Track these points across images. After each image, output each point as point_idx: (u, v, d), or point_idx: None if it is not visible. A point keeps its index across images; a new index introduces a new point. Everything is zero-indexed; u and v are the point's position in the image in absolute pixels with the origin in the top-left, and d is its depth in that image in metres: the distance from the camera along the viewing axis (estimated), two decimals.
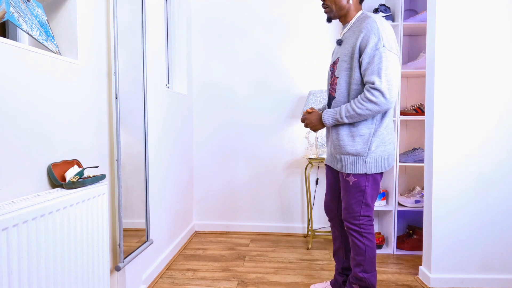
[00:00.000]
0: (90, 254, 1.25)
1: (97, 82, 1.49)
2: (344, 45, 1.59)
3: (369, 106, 1.46)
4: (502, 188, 1.99)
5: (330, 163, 1.72)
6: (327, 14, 1.64)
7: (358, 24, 1.55)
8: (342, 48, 1.59)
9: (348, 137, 1.58)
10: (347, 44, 1.56)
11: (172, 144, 2.45)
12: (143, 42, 1.82)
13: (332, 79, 1.63)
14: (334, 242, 1.84)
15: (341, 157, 1.61)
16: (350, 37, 1.56)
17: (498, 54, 1.96)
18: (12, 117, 1.03)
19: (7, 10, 1.06)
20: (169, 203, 2.39)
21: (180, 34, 2.78)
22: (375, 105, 1.45)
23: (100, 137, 1.52)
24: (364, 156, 1.56)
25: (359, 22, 1.55)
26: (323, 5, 1.64)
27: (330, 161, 1.72)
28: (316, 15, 2.88)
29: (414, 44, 2.76)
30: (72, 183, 1.18)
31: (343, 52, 1.57)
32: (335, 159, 1.65)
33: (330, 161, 1.71)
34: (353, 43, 1.51)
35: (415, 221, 2.80)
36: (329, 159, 1.74)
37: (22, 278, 0.92)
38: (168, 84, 2.71)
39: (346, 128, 1.58)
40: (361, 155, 1.56)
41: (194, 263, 2.35)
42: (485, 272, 2.02)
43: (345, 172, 1.60)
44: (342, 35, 1.64)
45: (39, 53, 1.14)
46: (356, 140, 1.56)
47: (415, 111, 2.59)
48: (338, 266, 1.83)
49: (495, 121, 1.98)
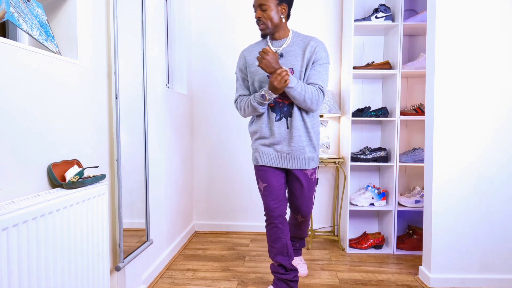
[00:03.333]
0: (90, 254, 1.25)
1: (97, 82, 1.49)
2: (290, 58, 1.77)
3: (315, 95, 1.73)
4: (502, 188, 1.99)
5: (282, 164, 1.83)
6: (262, 31, 1.78)
7: (300, 40, 1.80)
8: (291, 61, 1.77)
9: (316, 134, 1.86)
10: (298, 57, 1.76)
11: (172, 144, 2.45)
12: (143, 42, 1.82)
13: None
14: (279, 240, 1.82)
15: (307, 155, 1.82)
16: (298, 51, 1.77)
17: (499, 53, 1.96)
18: (12, 117, 1.03)
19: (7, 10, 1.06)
20: (169, 203, 2.39)
21: (180, 34, 2.78)
22: (319, 99, 1.75)
23: (100, 137, 1.52)
24: (318, 151, 1.90)
25: (300, 39, 1.80)
26: (258, 21, 1.76)
27: (281, 163, 1.83)
28: (316, 15, 2.88)
29: (414, 44, 2.76)
30: (72, 183, 1.18)
31: (296, 64, 1.76)
32: (294, 158, 1.81)
33: (282, 162, 1.83)
34: (308, 56, 1.75)
35: (415, 221, 2.80)
36: (279, 160, 1.83)
37: (22, 278, 0.92)
38: (168, 84, 2.71)
39: (310, 125, 1.82)
40: (318, 150, 1.88)
41: (194, 263, 2.35)
42: (485, 272, 2.02)
43: (309, 168, 1.83)
44: (280, 49, 1.80)
45: (39, 53, 1.14)
46: (318, 137, 1.87)
47: (415, 111, 2.59)
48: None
49: (496, 120, 1.98)
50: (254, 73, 1.82)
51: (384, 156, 2.60)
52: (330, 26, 2.88)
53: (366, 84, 2.84)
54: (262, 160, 1.84)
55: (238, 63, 1.91)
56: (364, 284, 2.05)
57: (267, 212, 1.84)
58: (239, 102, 1.89)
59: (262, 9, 1.74)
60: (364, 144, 2.86)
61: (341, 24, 2.87)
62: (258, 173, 1.88)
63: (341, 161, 2.63)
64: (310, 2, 2.88)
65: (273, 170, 1.85)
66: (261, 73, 1.79)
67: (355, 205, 2.61)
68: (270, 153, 1.84)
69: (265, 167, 1.85)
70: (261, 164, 1.85)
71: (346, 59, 2.66)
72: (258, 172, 1.88)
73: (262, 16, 1.75)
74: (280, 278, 1.85)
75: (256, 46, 1.88)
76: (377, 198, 2.60)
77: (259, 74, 1.80)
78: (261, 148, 1.85)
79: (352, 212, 2.82)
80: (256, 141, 1.88)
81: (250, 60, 1.85)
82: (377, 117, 2.60)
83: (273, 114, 1.81)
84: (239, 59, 1.91)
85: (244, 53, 1.90)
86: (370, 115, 2.60)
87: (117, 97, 1.54)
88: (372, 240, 2.59)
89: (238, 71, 1.91)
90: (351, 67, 2.54)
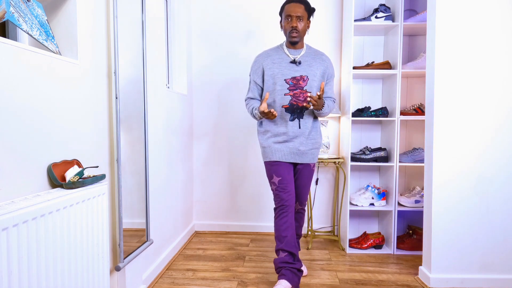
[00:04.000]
0: (90, 254, 1.25)
1: (97, 82, 1.49)
2: (305, 67, 2.01)
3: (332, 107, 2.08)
4: (502, 188, 1.99)
5: (294, 159, 2.03)
6: (294, 38, 1.98)
7: (312, 52, 2.06)
8: (306, 69, 2.01)
9: (319, 133, 2.12)
10: (312, 67, 2.02)
11: (172, 144, 2.45)
12: (143, 42, 1.82)
13: (299, 92, 1.99)
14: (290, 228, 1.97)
15: (313, 151, 2.07)
16: (312, 62, 2.03)
17: (499, 53, 1.96)
18: (12, 117, 1.03)
19: (7, 10, 1.06)
20: (169, 203, 2.39)
21: (180, 34, 2.78)
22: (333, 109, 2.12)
23: (100, 137, 1.52)
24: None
25: (312, 51, 2.07)
26: (293, 30, 1.97)
27: (293, 158, 2.03)
28: (316, 15, 2.88)
29: (414, 44, 2.76)
30: (72, 183, 1.18)
31: (311, 73, 2.00)
32: (303, 153, 2.03)
33: (294, 157, 2.03)
34: (322, 70, 2.04)
35: (415, 221, 2.80)
36: (291, 156, 2.02)
37: (22, 278, 0.92)
38: (168, 84, 2.71)
39: (317, 125, 2.10)
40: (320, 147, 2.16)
41: (194, 263, 2.35)
42: (485, 272, 2.02)
43: (313, 162, 2.10)
44: (298, 57, 2.03)
45: (39, 53, 1.14)
46: (321, 136, 2.13)
47: (415, 111, 2.59)
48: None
49: (496, 120, 1.98)
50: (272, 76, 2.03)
51: (384, 156, 2.60)
52: (330, 26, 2.88)
53: (366, 84, 2.84)
54: (276, 156, 2.02)
55: (253, 67, 2.10)
56: (364, 284, 2.05)
57: (281, 203, 1.97)
58: (247, 103, 2.11)
59: (299, 20, 1.97)
60: (364, 144, 2.86)
61: (341, 24, 2.87)
62: (272, 168, 2.02)
63: (341, 161, 2.63)
64: (310, 2, 2.88)
65: (286, 165, 2.02)
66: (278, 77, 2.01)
67: (355, 205, 2.61)
68: (283, 149, 2.01)
69: (279, 162, 2.01)
70: (275, 160, 2.02)
71: (346, 59, 2.66)
72: (271, 167, 2.03)
73: (297, 26, 1.96)
74: (289, 268, 1.91)
75: (271, 52, 2.07)
76: (377, 198, 2.60)
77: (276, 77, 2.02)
78: (274, 145, 2.02)
79: (352, 212, 2.82)
80: (269, 139, 2.04)
81: (267, 65, 2.04)
82: (377, 117, 2.60)
83: (287, 115, 2.00)
84: (254, 63, 2.09)
85: (259, 59, 2.07)
86: (370, 115, 2.60)
87: (117, 97, 1.54)
88: (372, 240, 2.59)
89: (253, 74, 2.09)
90: (351, 67, 2.54)
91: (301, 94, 1.99)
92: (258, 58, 2.08)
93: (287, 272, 1.89)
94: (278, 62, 2.02)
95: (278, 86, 1.99)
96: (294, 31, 1.96)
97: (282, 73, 2.00)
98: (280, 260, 1.92)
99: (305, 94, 1.99)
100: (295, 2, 1.98)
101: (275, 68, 2.01)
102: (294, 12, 1.95)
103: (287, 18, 1.98)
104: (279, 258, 1.94)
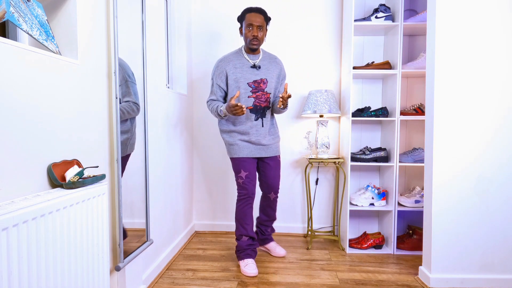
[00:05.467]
0: (90, 254, 1.25)
1: (97, 82, 1.49)
2: (264, 70, 2.25)
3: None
4: (502, 188, 1.99)
5: (260, 154, 2.28)
6: (254, 46, 2.19)
7: (267, 57, 2.31)
8: (265, 72, 2.25)
9: (277, 127, 2.42)
10: (270, 70, 2.27)
11: (172, 144, 2.45)
12: (143, 42, 1.82)
13: (261, 94, 2.23)
14: (252, 216, 2.29)
15: (276, 144, 2.36)
16: (269, 65, 2.28)
17: (499, 53, 1.96)
18: (12, 117, 1.03)
19: (7, 10, 1.06)
20: (169, 203, 2.39)
21: (180, 34, 2.78)
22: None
23: (100, 137, 1.52)
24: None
25: (267, 55, 2.31)
26: (254, 39, 2.16)
27: (259, 153, 2.28)
28: (316, 15, 2.88)
29: (414, 44, 2.76)
30: (72, 183, 1.18)
31: (269, 75, 2.26)
32: (268, 147, 2.30)
33: (260, 152, 2.28)
34: (277, 72, 2.31)
35: (415, 221, 2.80)
36: (257, 151, 2.27)
37: (22, 278, 0.92)
38: (168, 84, 2.71)
39: (275, 122, 2.39)
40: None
41: (194, 263, 2.35)
42: (485, 272, 2.02)
43: (278, 154, 2.39)
44: (258, 61, 2.26)
45: (39, 53, 1.14)
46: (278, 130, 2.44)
47: (415, 111, 2.59)
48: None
49: (496, 120, 1.98)
50: (235, 80, 2.21)
51: (384, 156, 2.60)
52: (330, 26, 2.88)
53: (366, 84, 2.84)
54: (243, 152, 2.25)
55: (215, 71, 2.25)
56: (364, 284, 2.05)
57: (248, 195, 2.23)
58: (210, 104, 2.29)
59: (259, 29, 2.17)
60: (364, 144, 2.86)
61: (341, 24, 2.87)
62: (240, 164, 2.25)
63: (341, 161, 2.63)
64: (310, 2, 2.88)
65: (252, 160, 2.28)
66: (241, 81, 2.21)
67: (355, 205, 2.61)
68: (249, 146, 2.26)
69: (245, 158, 2.25)
70: (241, 156, 2.25)
71: (346, 59, 2.66)
72: (239, 163, 2.25)
73: (258, 34, 2.16)
74: (253, 248, 2.28)
75: (232, 57, 2.24)
76: (377, 198, 2.60)
77: (239, 81, 2.21)
78: (241, 143, 2.25)
79: (352, 212, 2.82)
80: (235, 137, 2.26)
81: (230, 70, 2.21)
82: (377, 117, 2.60)
83: (252, 115, 2.24)
84: (217, 68, 2.25)
85: (221, 65, 2.23)
86: (370, 115, 2.60)
87: (117, 97, 1.54)
88: (372, 240, 2.59)
89: (217, 78, 2.25)
90: (351, 67, 2.54)
91: (262, 96, 2.24)
92: (221, 64, 2.24)
93: (252, 252, 2.27)
94: (240, 67, 2.21)
95: (242, 90, 2.19)
96: (255, 39, 2.17)
97: (244, 77, 2.20)
98: (245, 244, 2.26)
99: (266, 95, 2.25)
100: (256, 12, 2.16)
101: (237, 72, 2.20)
102: (255, 21, 2.14)
103: (248, 26, 2.16)
104: (243, 242, 2.26)
